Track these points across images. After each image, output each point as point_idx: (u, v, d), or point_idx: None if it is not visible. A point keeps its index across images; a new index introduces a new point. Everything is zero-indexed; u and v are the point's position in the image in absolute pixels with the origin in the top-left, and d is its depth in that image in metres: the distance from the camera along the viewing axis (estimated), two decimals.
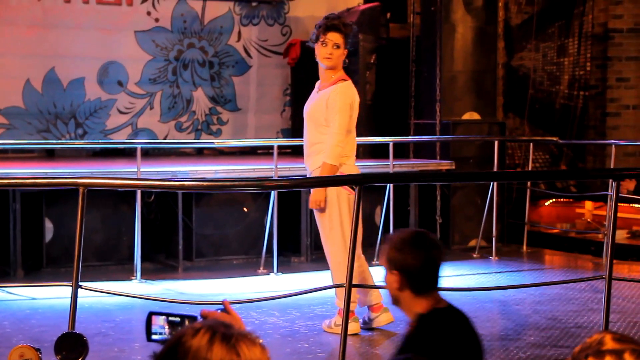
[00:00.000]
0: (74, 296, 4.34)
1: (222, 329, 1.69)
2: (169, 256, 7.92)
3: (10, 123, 9.05)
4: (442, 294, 3.05)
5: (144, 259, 7.22)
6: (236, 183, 4.72)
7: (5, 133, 9.01)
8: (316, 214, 5.38)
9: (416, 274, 2.90)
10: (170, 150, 9.67)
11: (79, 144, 9.05)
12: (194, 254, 7.89)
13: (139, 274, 7.08)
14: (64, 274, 7.09)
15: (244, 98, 10.04)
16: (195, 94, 9.84)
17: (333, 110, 5.26)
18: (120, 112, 9.53)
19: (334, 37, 5.36)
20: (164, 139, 9.63)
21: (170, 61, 9.70)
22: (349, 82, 5.43)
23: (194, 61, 9.81)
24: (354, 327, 5.35)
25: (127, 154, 9.11)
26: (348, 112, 5.27)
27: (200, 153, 9.89)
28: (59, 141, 9.09)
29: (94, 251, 7.49)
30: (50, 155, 9.30)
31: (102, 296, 6.18)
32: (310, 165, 5.36)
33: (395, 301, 2.99)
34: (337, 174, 5.21)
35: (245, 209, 8.09)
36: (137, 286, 6.90)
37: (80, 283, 4.45)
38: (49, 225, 7.47)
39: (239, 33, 9.97)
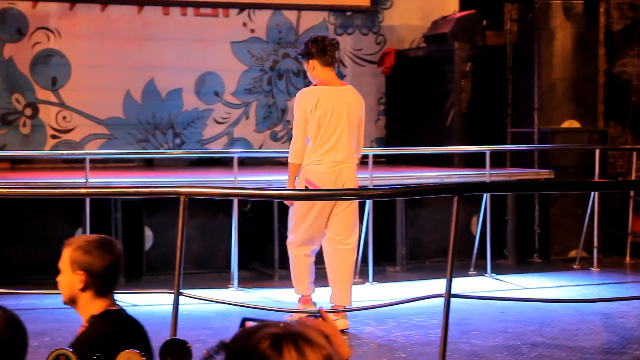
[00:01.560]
0: (176, 303, 4.41)
1: (295, 332, 1.64)
2: (264, 264, 7.98)
3: (111, 133, 9.28)
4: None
5: (240, 267, 7.29)
6: (335, 193, 4.72)
7: (107, 143, 9.24)
8: None
9: (100, 276, 3.01)
10: (266, 159, 9.75)
11: (177, 153, 9.21)
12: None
13: (235, 281, 7.15)
14: (163, 281, 7.21)
15: None
16: (290, 103, 9.89)
17: None
18: (217, 122, 9.66)
19: None
20: (259, 148, 9.71)
21: (265, 71, 9.80)
22: (310, 87, 5.84)
23: (289, 71, 9.88)
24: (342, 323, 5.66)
25: (223, 163, 9.23)
26: (298, 115, 5.70)
27: None
28: (158, 151, 9.27)
29: (191, 259, 7.59)
30: (149, 164, 9.48)
31: (200, 303, 6.26)
32: None
33: (71, 301, 3.09)
34: (304, 178, 5.64)
35: None
36: (234, 294, 6.97)
37: (181, 290, 4.51)
38: (148, 234, 7.61)
39: None
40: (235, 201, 7.13)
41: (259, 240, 8.05)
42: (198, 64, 9.53)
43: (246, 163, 9.29)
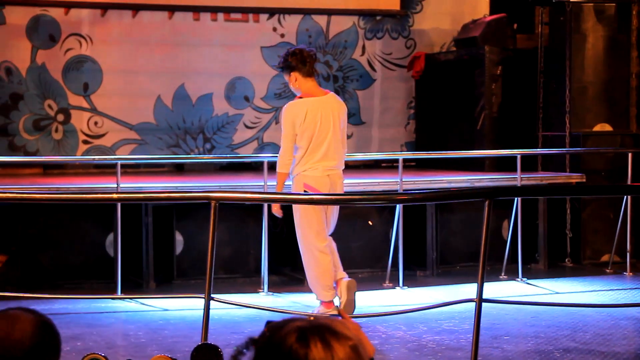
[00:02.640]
0: (207, 308, 4.42)
1: (321, 325, 1.65)
2: (294, 269, 7.97)
3: (142, 138, 9.33)
4: None
5: (270, 271, 7.30)
6: (365, 197, 4.71)
7: (138, 148, 9.30)
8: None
9: None
10: None
11: (207, 158, 9.25)
12: None
13: (266, 286, 7.16)
14: (194, 286, 7.24)
15: (368, 111, 10.05)
16: None
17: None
18: (247, 127, 9.69)
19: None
20: None
21: None
22: (296, 101, 6.12)
23: (319, 75, 9.87)
24: None
25: (253, 168, 9.25)
26: (287, 128, 6.04)
27: None
28: (189, 156, 9.32)
29: (221, 264, 7.61)
30: (179, 169, 9.53)
31: (230, 308, 6.27)
32: None
33: None
34: (301, 183, 5.97)
35: (370, 223, 8.08)
36: (264, 298, 6.98)
37: (211, 295, 4.52)
38: (179, 238, 7.64)
39: (363, 47, 10.00)
40: (265, 206, 7.13)
41: (288, 244, 8.05)
42: (228, 69, 9.56)
43: (276, 168, 9.30)
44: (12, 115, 8.99)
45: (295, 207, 6.08)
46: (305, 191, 5.93)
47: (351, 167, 9.91)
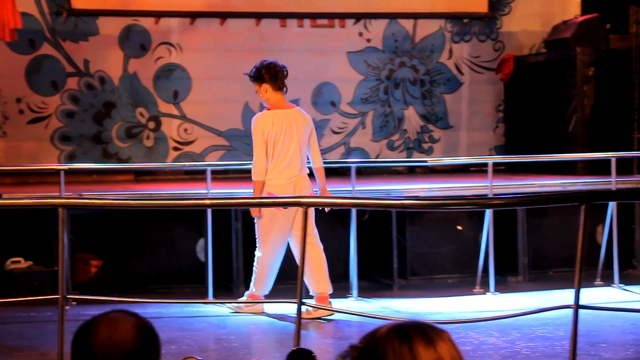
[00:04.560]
0: (299, 312, 4.42)
1: (414, 322, 1.65)
2: (383, 274, 7.93)
3: (231, 144, 9.43)
4: None
5: (359, 276, 7.27)
6: (457, 202, 4.66)
7: (226, 154, 9.39)
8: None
9: None
10: (383, 169, 9.72)
11: None
12: (409, 272, 7.87)
13: (355, 291, 7.13)
14: (282, 291, 7.24)
15: (455, 115, 9.95)
16: (406, 112, 9.85)
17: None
18: (334, 132, 9.69)
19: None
20: (376, 157, 9.69)
21: (381, 80, 9.78)
22: (264, 112, 6.42)
23: (405, 80, 9.84)
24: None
25: (340, 173, 9.21)
26: (258, 137, 6.31)
27: (411, 171, 9.88)
28: None
29: None
30: None
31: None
32: None
33: None
34: (265, 192, 6.16)
35: (459, 227, 7.99)
36: (353, 303, 6.95)
37: (303, 300, 4.53)
38: None
39: (450, 50, 9.90)
40: (354, 211, 7.11)
41: (377, 250, 8.02)
42: (315, 75, 9.59)
43: (363, 173, 9.28)
44: (106, 123, 9.19)
45: (264, 216, 6.26)
46: None
47: (439, 171, 9.85)
